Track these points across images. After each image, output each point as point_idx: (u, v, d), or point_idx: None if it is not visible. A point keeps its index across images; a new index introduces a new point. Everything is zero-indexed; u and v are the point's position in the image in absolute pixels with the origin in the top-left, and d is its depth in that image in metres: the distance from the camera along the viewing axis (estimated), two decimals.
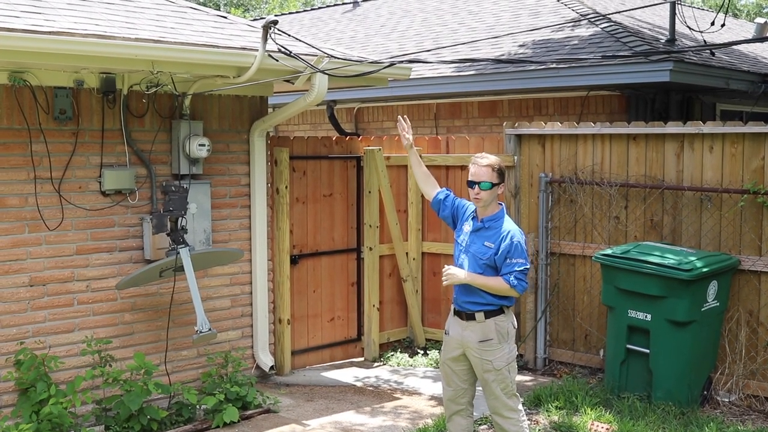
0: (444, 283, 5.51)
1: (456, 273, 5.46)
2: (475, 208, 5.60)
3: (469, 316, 5.50)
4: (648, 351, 7.21)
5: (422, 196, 9.38)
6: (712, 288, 7.12)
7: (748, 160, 7.36)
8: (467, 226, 5.59)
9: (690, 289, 6.93)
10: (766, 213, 7.26)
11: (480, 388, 5.68)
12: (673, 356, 7.10)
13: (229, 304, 7.96)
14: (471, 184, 5.49)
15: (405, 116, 6.10)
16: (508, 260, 5.42)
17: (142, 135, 7.27)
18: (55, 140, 6.77)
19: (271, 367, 8.16)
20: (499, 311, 5.50)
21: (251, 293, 8.11)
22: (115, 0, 7.37)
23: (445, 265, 5.56)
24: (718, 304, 7.24)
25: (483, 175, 5.45)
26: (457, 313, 5.58)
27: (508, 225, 5.52)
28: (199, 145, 7.32)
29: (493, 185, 5.46)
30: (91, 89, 6.92)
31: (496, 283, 5.43)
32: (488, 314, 5.47)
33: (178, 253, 6.92)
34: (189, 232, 7.26)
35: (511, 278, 5.40)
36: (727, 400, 7.34)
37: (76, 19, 6.48)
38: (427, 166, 9.16)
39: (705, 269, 6.95)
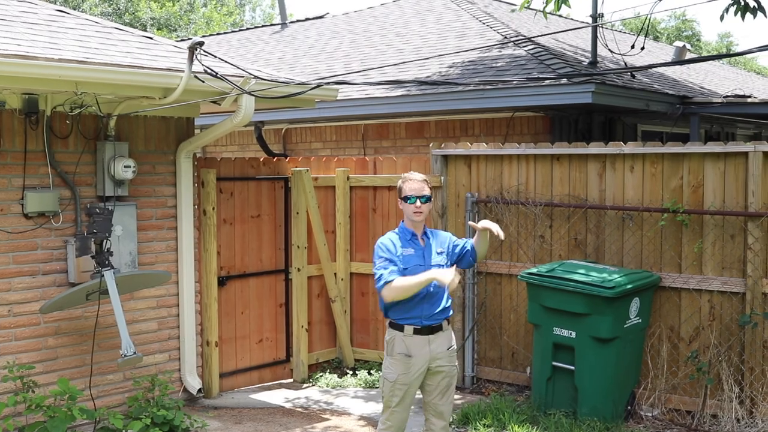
0: (455, 283, 5.31)
1: (448, 272, 5.36)
2: (400, 231, 5.70)
3: (436, 328, 5.58)
4: (573, 368, 7.32)
5: (350, 216, 9.42)
6: (635, 305, 7.27)
7: (667, 180, 7.56)
8: (410, 250, 5.62)
9: (613, 307, 7.07)
10: (685, 231, 7.45)
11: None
12: (597, 372, 7.22)
13: (156, 327, 7.87)
14: (411, 198, 5.58)
15: None
16: (457, 249, 5.76)
17: (66, 156, 7.17)
18: None
19: (199, 390, 8.08)
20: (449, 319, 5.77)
21: (178, 316, 8.03)
22: (38, 20, 7.28)
23: (446, 271, 5.38)
24: (640, 320, 7.40)
25: (423, 189, 5.62)
26: (419, 330, 5.54)
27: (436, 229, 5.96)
28: (125, 166, 7.25)
29: (430, 199, 5.67)
30: (13, 110, 6.80)
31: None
32: (449, 322, 5.70)
33: (103, 275, 6.84)
34: (115, 254, 7.17)
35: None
36: (650, 414, 7.49)
37: None
38: (354, 186, 9.43)
39: (627, 286, 7.09)
